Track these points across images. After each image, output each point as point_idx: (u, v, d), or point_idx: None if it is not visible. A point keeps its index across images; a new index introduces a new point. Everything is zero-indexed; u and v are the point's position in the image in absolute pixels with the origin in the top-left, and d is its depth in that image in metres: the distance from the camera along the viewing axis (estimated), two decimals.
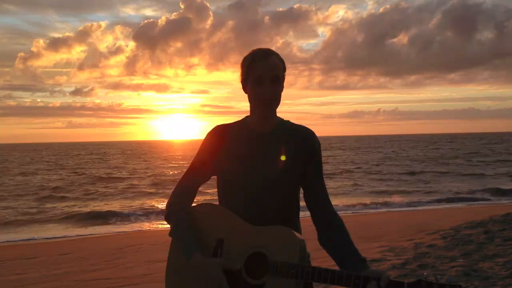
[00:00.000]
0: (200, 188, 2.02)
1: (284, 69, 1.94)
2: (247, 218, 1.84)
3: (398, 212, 14.34)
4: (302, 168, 1.92)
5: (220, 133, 1.96)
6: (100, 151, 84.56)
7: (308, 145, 1.94)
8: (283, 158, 1.88)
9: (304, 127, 1.99)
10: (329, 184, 23.75)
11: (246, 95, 1.93)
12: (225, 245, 1.79)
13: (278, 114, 1.98)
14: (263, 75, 1.85)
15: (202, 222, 1.88)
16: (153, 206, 17.80)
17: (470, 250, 6.40)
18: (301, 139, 1.94)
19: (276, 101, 1.91)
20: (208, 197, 15.76)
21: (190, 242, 1.81)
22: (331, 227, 1.91)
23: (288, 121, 2.00)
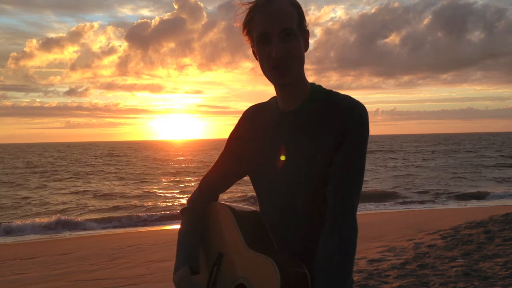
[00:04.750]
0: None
1: (302, 18, 1.37)
2: (279, 231, 1.44)
3: (398, 212, 14.32)
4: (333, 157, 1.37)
5: (249, 116, 1.56)
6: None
7: (342, 124, 1.34)
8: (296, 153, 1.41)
9: (346, 99, 1.39)
10: None
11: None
12: (223, 261, 1.52)
13: None
14: (268, 29, 1.32)
15: (212, 226, 1.59)
16: (156, 205, 17.76)
17: (470, 250, 6.41)
18: (335, 117, 1.36)
19: (294, 61, 1.34)
20: None
21: (184, 253, 1.51)
22: (325, 259, 1.28)
23: (325, 91, 1.43)
